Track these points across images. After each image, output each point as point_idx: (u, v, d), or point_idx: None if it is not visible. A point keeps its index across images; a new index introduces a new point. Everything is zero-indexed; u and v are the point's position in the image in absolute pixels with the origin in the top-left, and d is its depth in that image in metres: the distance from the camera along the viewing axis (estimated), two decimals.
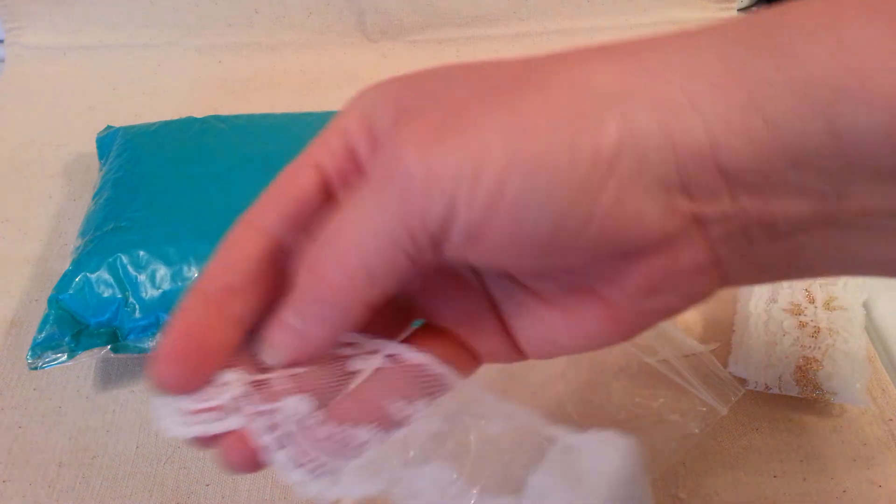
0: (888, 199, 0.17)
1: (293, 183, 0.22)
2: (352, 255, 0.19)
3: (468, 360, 0.24)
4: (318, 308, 0.20)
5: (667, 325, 0.43)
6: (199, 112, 0.52)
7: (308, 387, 0.22)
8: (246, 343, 0.22)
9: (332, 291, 0.20)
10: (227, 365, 0.22)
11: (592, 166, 0.17)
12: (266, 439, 0.21)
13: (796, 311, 0.43)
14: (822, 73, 0.16)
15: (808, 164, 0.17)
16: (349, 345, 0.23)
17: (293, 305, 0.21)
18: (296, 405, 0.22)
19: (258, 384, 0.22)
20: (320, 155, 0.22)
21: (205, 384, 0.21)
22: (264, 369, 0.22)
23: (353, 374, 0.23)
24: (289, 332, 0.21)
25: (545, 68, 0.19)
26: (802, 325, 0.43)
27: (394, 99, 0.21)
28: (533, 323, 0.23)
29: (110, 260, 0.41)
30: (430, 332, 0.24)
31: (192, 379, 0.21)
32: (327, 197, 0.22)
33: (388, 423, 0.22)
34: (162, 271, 0.41)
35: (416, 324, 0.25)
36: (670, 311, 0.21)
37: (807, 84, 0.16)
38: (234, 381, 0.21)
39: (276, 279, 0.22)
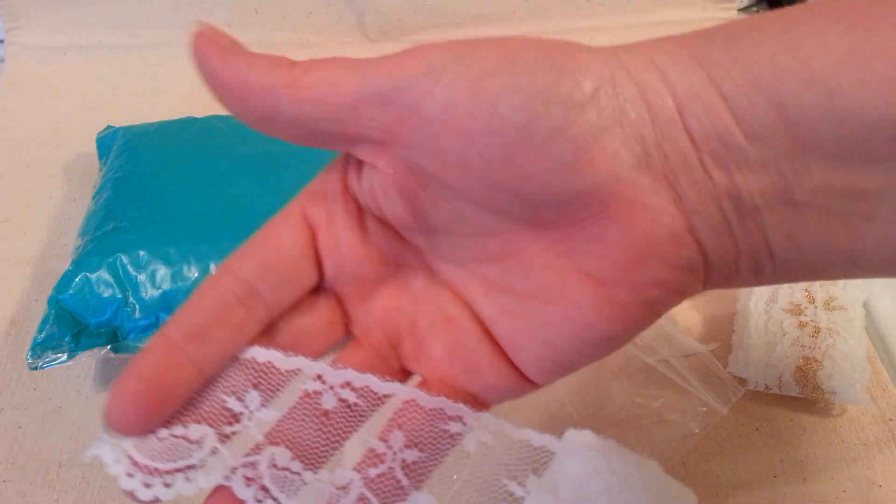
0: (839, 179, 0.19)
1: (276, 230, 0.23)
2: (310, 74, 0.20)
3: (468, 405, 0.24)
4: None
5: (667, 325, 0.43)
6: (199, 112, 0.52)
7: (283, 436, 0.22)
8: (211, 393, 0.22)
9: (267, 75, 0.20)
10: (195, 419, 0.21)
11: (574, 88, 0.19)
12: (245, 493, 0.21)
13: (796, 311, 0.43)
14: (767, 57, 0.19)
15: (762, 139, 0.19)
16: (317, 378, 0.22)
17: None
18: (272, 455, 0.21)
19: (229, 437, 0.22)
20: (308, 202, 0.23)
21: (156, 427, 0.21)
22: (235, 419, 0.22)
23: (326, 413, 0.22)
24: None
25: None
26: (802, 325, 0.43)
27: None
28: (528, 327, 0.23)
29: (110, 260, 0.41)
30: (421, 387, 0.24)
31: (144, 421, 0.21)
32: (310, 245, 0.23)
33: (371, 463, 0.22)
34: (162, 271, 0.41)
35: None
36: (662, 287, 0.21)
37: (753, 64, 0.19)
38: (205, 437, 0.21)
39: (243, 325, 0.22)
